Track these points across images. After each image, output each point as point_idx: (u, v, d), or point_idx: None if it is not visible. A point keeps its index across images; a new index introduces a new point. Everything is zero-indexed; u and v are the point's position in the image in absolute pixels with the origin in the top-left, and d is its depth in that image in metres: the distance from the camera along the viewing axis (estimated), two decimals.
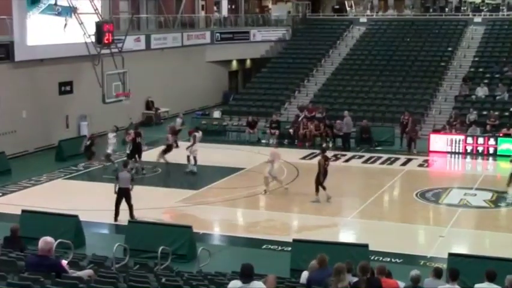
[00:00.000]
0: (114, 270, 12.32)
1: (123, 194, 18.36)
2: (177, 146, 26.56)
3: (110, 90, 26.29)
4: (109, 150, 24.59)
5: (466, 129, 28.84)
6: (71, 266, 11.25)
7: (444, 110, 31.81)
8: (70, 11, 27.35)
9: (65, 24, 27.59)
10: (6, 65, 26.40)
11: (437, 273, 10.89)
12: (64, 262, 10.79)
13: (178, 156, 24.93)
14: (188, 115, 35.24)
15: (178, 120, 29.60)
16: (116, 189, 18.38)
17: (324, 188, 20.56)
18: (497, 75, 33.91)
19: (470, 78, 34.04)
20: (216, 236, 18.36)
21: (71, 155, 26.29)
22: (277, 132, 29.69)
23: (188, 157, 24.25)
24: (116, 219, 18.46)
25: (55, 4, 27.03)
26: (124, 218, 18.10)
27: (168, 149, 25.09)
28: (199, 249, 15.06)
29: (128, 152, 24.53)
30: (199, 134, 24.97)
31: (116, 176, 18.75)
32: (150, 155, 25.73)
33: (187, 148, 24.34)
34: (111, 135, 24.81)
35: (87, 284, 9.74)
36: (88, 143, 25.79)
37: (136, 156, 24.26)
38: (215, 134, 31.11)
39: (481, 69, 34.97)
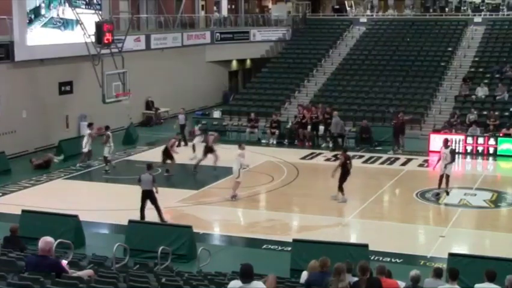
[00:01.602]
0: (114, 270, 12.32)
1: (147, 197, 18.21)
2: (186, 144, 27.36)
3: (110, 90, 26.33)
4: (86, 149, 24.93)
5: (466, 129, 28.85)
6: (71, 266, 11.24)
7: (445, 110, 31.80)
8: (73, 23, 27.45)
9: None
10: (6, 65, 26.38)
11: (437, 274, 10.88)
12: (64, 262, 10.79)
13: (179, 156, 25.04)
14: (189, 115, 35.26)
15: (181, 117, 29.58)
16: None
17: (341, 190, 20.55)
18: (497, 75, 33.91)
19: (470, 78, 34.04)
20: (216, 236, 18.36)
21: (71, 155, 26.30)
22: (277, 132, 29.67)
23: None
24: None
25: (58, 15, 27.07)
26: (124, 218, 18.08)
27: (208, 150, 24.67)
28: (199, 249, 15.06)
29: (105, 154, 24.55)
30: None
31: (138, 178, 18.58)
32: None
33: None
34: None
35: (87, 284, 9.73)
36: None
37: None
38: None
39: (481, 69, 34.97)
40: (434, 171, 22.26)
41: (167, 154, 24.03)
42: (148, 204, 18.18)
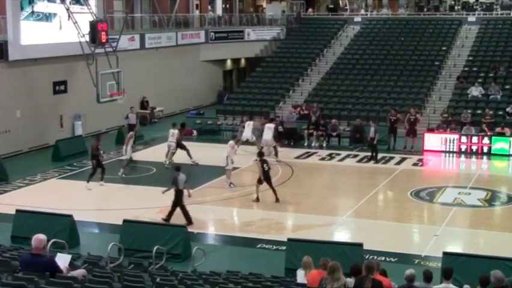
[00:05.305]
0: (108, 269, 12.30)
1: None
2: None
3: (104, 90, 26.25)
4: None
5: (460, 128, 28.90)
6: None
7: (439, 109, 31.83)
8: (52, 16, 27.29)
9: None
10: (0, 64, 26.31)
11: (427, 277, 10.71)
12: (68, 257, 10.85)
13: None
14: (183, 114, 35.25)
15: (131, 116, 29.48)
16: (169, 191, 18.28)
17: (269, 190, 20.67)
18: (490, 75, 33.97)
19: (465, 77, 34.10)
20: (210, 236, 18.34)
21: (68, 155, 26.24)
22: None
23: None
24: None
25: (33, 12, 26.77)
26: (121, 218, 18.05)
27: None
28: (193, 249, 15.05)
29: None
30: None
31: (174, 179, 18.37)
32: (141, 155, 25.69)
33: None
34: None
35: (81, 284, 9.71)
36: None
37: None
38: (210, 134, 31.11)
39: (475, 69, 35.03)
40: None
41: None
42: (143, 204, 18.12)
